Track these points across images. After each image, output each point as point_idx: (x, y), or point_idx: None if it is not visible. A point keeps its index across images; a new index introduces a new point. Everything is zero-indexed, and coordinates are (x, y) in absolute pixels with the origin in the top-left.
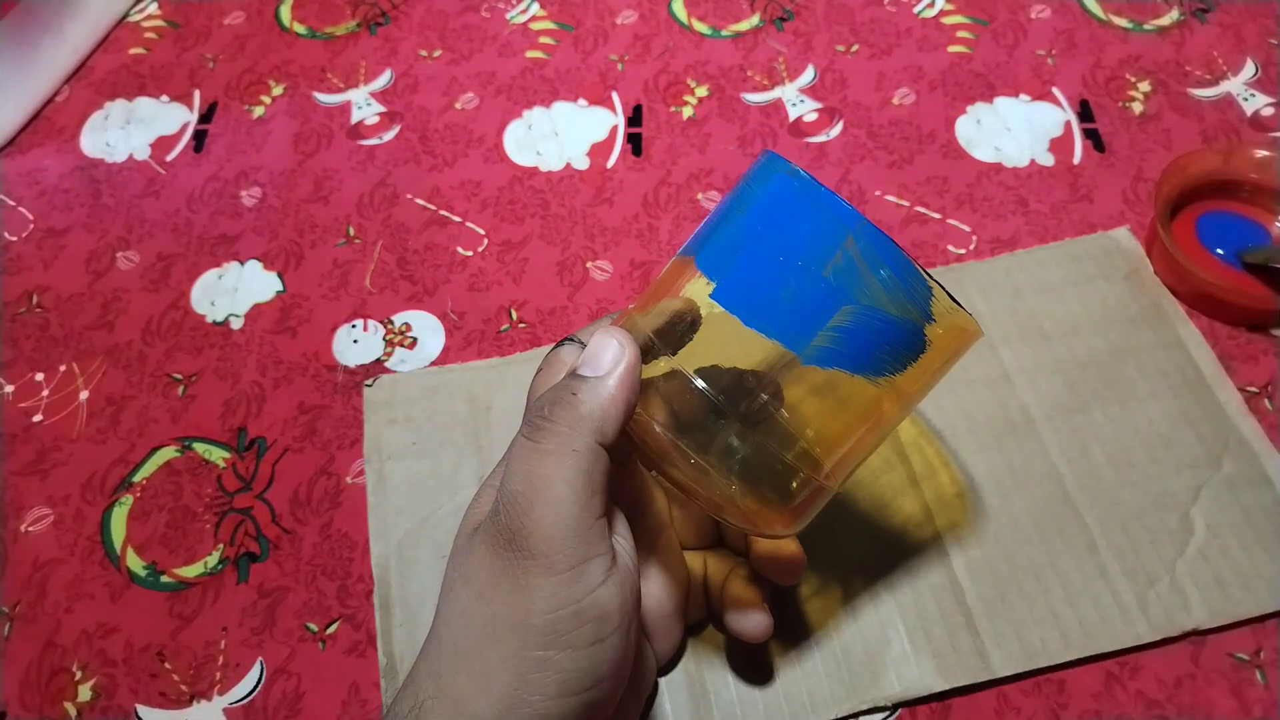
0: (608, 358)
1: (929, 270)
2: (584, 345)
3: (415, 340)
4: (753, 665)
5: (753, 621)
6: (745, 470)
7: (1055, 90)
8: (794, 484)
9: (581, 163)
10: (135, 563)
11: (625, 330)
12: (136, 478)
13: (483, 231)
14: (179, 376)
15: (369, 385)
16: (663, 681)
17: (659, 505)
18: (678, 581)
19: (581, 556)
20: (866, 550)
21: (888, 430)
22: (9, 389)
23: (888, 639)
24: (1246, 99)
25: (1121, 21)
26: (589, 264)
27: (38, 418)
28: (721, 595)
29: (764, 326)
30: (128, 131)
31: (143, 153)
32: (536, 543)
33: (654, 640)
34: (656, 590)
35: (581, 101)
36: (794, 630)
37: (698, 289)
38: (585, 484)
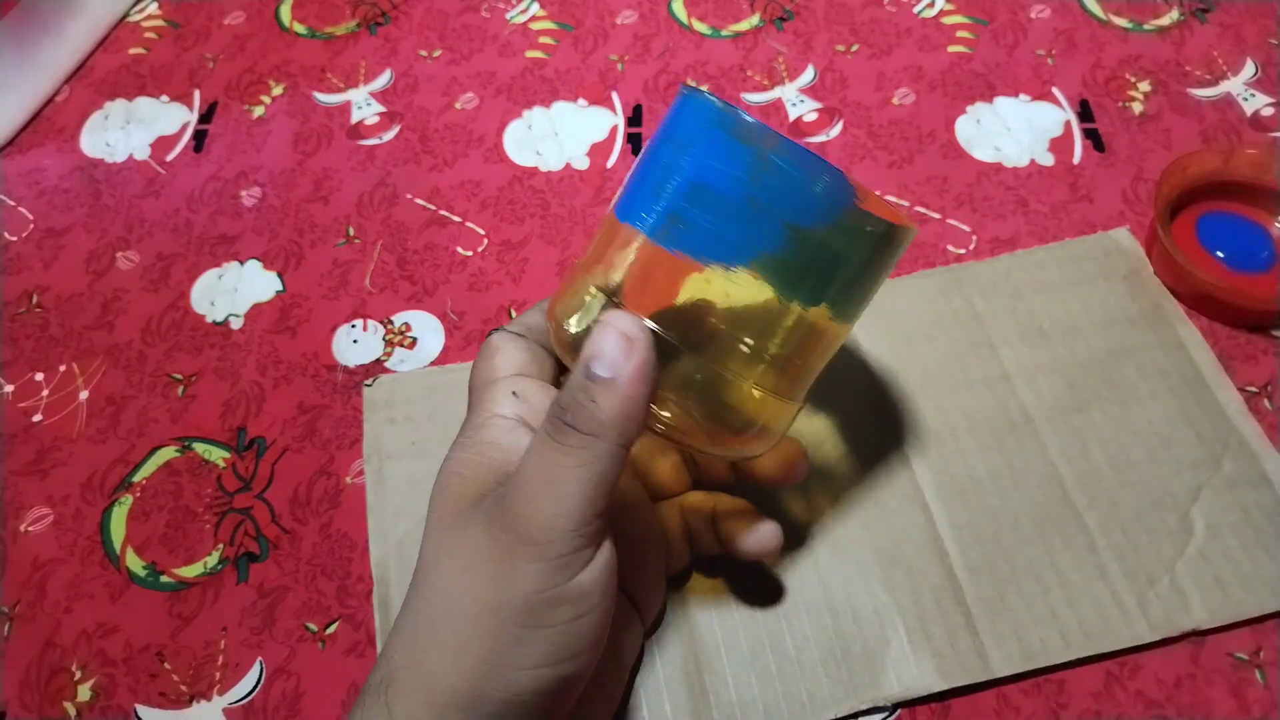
0: (620, 355)
1: (928, 271)
2: (516, 335)
3: (415, 340)
4: (752, 665)
5: (762, 534)
6: (705, 396)
7: (1055, 90)
8: (753, 403)
9: (581, 163)
10: (135, 563)
11: (643, 328)
12: (136, 478)
13: (483, 231)
14: (179, 376)
15: (368, 385)
16: (662, 681)
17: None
18: (653, 538)
19: (574, 548)
20: (865, 551)
21: (835, 339)
22: (9, 389)
23: (887, 639)
24: (1246, 99)
25: (1121, 21)
26: None
27: (37, 418)
28: (719, 530)
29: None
30: (128, 131)
31: (143, 153)
32: (535, 532)
33: (637, 599)
34: (635, 549)
35: (581, 101)
36: (793, 630)
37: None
38: (597, 485)
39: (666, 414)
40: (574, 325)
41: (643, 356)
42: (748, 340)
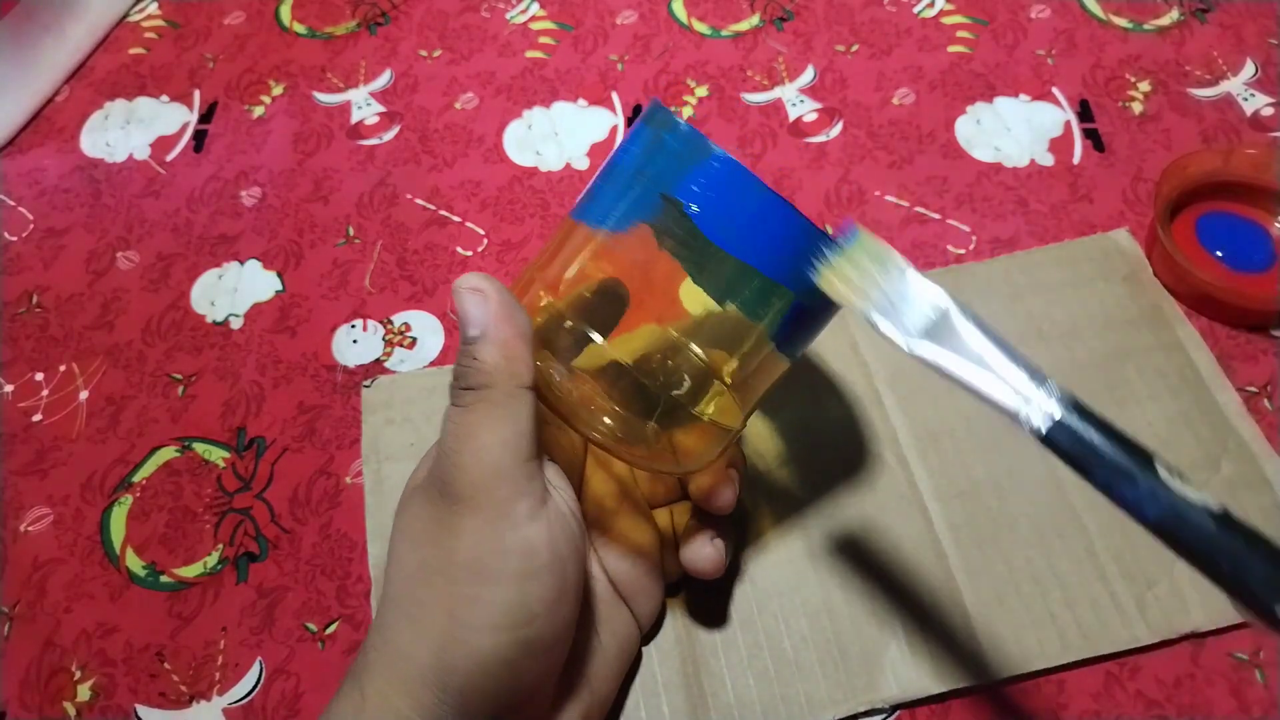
0: (479, 310)
1: (928, 272)
2: None
3: (415, 340)
4: (750, 666)
5: (701, 555)
6: (642, 407)
7: (1055, 90)
8: (687, 420)
9: (581, 163)
10: (135, 563)
11: (489, 280)
12: (136, 478)
13: (483, 231)
14: (179, 376)
15: (367, 386)
16: (660, 681)
17: (617, 470)
18: (648, 541)
19: (506, 496)
20: (864, 552)
21: (777, 368)
22: (9, 389)
23: (885, 641)
24: (1246, 99)
25: (1121, 21)
26: None
27: (37, 417)
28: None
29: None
30: (128, 131)
31: (143, 153)
32: (463, 487)
33: (632, 602)
34: (628, 552)
35: (581, 101)
36: (791, 631)
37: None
38: (510, 429)
39: (607, 420)
40: None
41: (496, 300)
42: (697, 350)
